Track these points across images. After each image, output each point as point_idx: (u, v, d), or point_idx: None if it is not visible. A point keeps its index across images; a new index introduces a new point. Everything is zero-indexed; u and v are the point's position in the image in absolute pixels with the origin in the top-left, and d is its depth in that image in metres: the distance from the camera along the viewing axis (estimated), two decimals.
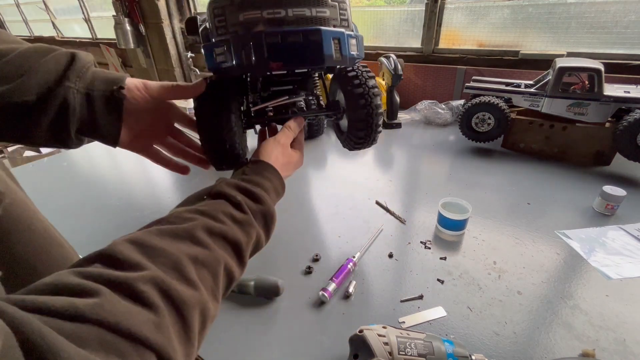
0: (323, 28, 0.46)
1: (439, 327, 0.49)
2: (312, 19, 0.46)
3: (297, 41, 0.45)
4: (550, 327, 0.48)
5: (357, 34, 0.51)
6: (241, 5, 0.44)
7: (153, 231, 0.27)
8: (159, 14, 2.00)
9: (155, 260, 0.24)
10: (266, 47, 0.44)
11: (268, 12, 0.44)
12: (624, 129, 0.83)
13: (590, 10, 1.11)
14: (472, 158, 1.01)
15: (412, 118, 1.34)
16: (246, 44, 0.44)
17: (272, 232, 0.38)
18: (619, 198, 0.70)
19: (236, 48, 0.45)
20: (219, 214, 0.32)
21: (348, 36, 0.49)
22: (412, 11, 1.40)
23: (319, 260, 0.62)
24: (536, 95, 0.96)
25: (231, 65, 0.45)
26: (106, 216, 0.79)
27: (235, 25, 0.45)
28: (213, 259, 0.28)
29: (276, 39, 0.44)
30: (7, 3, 3.25)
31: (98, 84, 0.37)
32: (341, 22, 0.49)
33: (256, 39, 0.44)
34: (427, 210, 0.76)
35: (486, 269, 0.59)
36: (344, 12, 0.49)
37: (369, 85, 0.56)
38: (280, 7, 0.45)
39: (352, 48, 0.50)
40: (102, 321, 0.18)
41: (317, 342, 0.47)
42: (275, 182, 0.42)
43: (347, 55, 0.49)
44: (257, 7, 0.44)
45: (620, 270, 0.58)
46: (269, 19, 0.44)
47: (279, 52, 0.45)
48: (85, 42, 2.78)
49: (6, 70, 0.32)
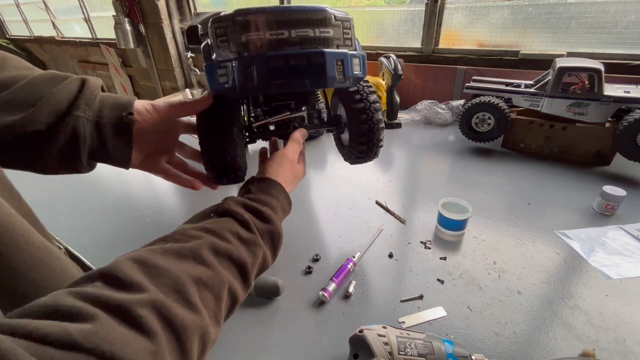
0: (326, 50, 0.46)
1: (439, 327, 0.49)
2: (315, 40, 0.46)
3: (300, 64, 0.45)
4: (550, 327, 0.48)
5: (361, 52, 0.51)
6: (244, 26, 0.43)
7: (157, 250, 0.26)
8: (159, 14, 1.99)
9: (156, 280, 0.24)
10: (269, 70, 0.44)
11: (271, 34, 0.44)
12: (624, 129, 0.83)
13: (590, 10, 1.11)
14: (472, 158, 1.01)
15: (412, 118, 1.34)
16: (249, 67, 0.44)
17: (279, 252, 0.38)
18: (619, 198, 0.70)
19: (239, 71, 0.44)
20: (226, 232, 0.31)
21: (351, 56, 0.49)
22: (412, 11, 1.40)
23: (319, 260, 0.62)
24: (536, 95, 0.96)
25: (234, 86, 0.45)
26: (106, 216, 0.79)
27: (238, 46, 0.44)
28: (217, 280, 0.28)
29: (279, 62, 0.44)
30: (7, 3, 3.25)
31: (107, 111, 0.37)
32: (344, 42, 0.49)
33: (259, 62, 0.44)
34: (427, 210, 0.76)
35: (486, 269, 0.59)
36: (347, 30, 0.49)
37: (370, 101, 0.57)
38: (284, 28, 0.44)
39: (355, 68, 0.50)
40: (95, 350, 0.18)
41: (317, 342, 0.47)
42: (282, 200, 0.41)
43: (350, 75, 0.49)
44: (260, 29, 0.43)
45: (620, 270, 0.58)
46: (272, 40, 0.44)
47: (282, 75, 0.44)
48: (85, 42, 2.78)
49: (17, 98, 0.32)
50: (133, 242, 0.69)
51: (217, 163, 0.49)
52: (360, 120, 0.56)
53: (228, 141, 0.48)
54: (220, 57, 0.45)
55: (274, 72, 0.44)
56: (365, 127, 0.57)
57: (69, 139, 0.34)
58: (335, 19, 0.46)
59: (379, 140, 0.59)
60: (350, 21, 0.49)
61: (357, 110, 0.56)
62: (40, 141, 0.33)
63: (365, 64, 0.52)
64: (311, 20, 0.45)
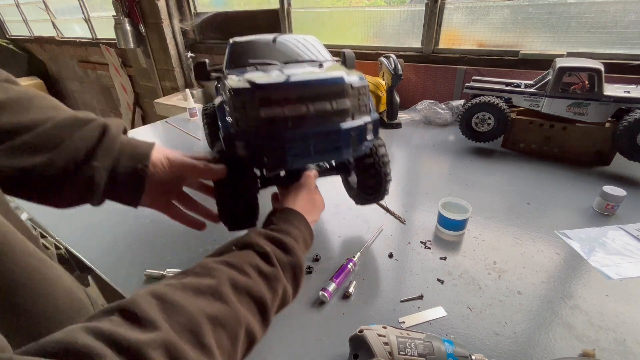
0: (343, 127, 0.47)
1: (439, 327, 0.49)
2: (333, 113, 0.47)
3: (317, 143, 0.46)
4: (550, 327, 0.48)
5: (374, 115, 0.52)
6: (262, 102, 0.44)
7: (177, 285, 0.26)
8: (159, 14, 1.99)
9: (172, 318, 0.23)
10: (288, 150, 0.45)
11: (290, 109, 0.44)
12: (624, 129, 0.83)
13: (590, 10, 1.11)
14: (472, 158, 1.01)
15: (412, 118, 1.34)
16: (268, 145, 0.45)
17: (300, 286, 0.37)
18: (619, 198, 0.70)
19: (257, 147, 0.45)
20: (245, 265, 0.31)
21: (366, 125, 0.50)
22: (412, 11, 1.40)
23: (319, 260, 0.62)
24: (536, 95, 0.96)
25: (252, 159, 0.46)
26: (106, 216, 0.79)
27: (256, 120, 0.44)
28: (234, 320, 0.27)
29: (297, 143, 0.45)
30: (7, 3, 3.25)
31: (124, 160, 0.38)
32: (360, 109, 0.50)
33: (278, 140, 0.45)
34: (427, 210, 0.76)
35: (486, 269, 0.59)
36: (364, 97, 0.50)
37: (379, 154, 0.59)
38: (302, 103, 0.45)
39: (369, 135, 0.51)
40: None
41: (317, 342, 0.47)
42: (303, 230, 0.41)
43: (363, 143, 0.50)
44: (278, 104, 0.44)
45: (620, 270, 0.58)
46: (290, 115, 0.44)
47: (300, 154, 0.46)
48: (85, 42, 2.78)
49: (40, 140, 0.33)
50: (133, 242, 0.69)
51: (232, 219, 0.51)
52: (369, 174, 0.59)
53: (243, 201, 0.51)
54: (238, 127, 0.45)
55: (292, 151, 0.45)
56: (373, 181, 0.59)
57: (84, 185, 0.36)
58: (352, 88, 0.47)
59: (386, 189, 0.61)
60: (366, 87, 0.50)
61: (366, 165, 0.58)
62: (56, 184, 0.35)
63: (377, 126, 0.53)
64: (329, 94, 0.46)
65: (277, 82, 0.44)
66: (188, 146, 1.17)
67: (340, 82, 0.46)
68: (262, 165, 0.49)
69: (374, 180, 0.59)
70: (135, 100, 2.72)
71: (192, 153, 0.47)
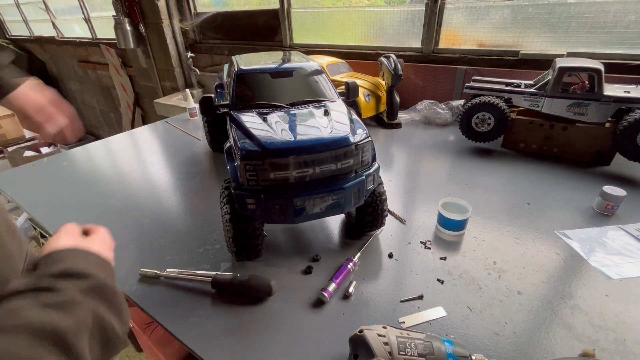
0: (347, 185, 0.53)
1: (439, 327, 0.49)
2: (337, 171, 0.52)
3: (323, 200, 0.52)
4: (550, 327, 0.48)
5: (375, 165, 0.58)
6: (273, 166, 0.49)
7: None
8: (159, 14, 1.99)
9: None
10: (294, 210, 0.51)
11: (297, 172, 0.50)
12: (624, 129, 0.83)
13: (590, 10, 1.11)
14: (472, 158, 1.01)
15: (412, 118, 1.34)
16: (276, 205, 0.51)
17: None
18: (619, 198, 0.70)
19: (266, 206, 0.51)
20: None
21: (367, 177, 0.56)
22: (412, 11, 1.40)
23: (319, 260, 0.62)
24: (536, 95, 0.96)
25: (260, 215, 0.52)
26: (106, 216, 0.79)
27: (266, 181, 0.51)
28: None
29: (304, 204, 0.51)
30: (7, 3, 3.25)
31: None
32: (362, 164, 0.55)
33: (286, 203, 0.51)
34: (427, 210, 0.76)
35: (486, 269, 0.59)
36: (367, 152, 0.55)
37: (377, 193, 0.62)
38: (309, 167, 0.50)
39: (369, 185, 0.57)
40: None
41: (317, 342, 0.47)
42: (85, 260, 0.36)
43: (365, 194, 0.56)
44: (287, 168, 0.50)
45: (620, 270, 0.58)
46: (298, 177, 0.51)
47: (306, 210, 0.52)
48: (85, 42, 2.78)
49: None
50: (133, 242, 0.69)
51: (239, 253, 0.58)
52: (367, 212, 0.63)
53: (254, 234, 0.57)
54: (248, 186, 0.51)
55: (299, 211, 0.51)
56: (371, 217, 0.64)
57: None
58: (355, 148, 0.53)
59: (382, 222, 0.66)
60: (370, 142, 0.55)
61: (366, 204, 0.61)
62: None
63: (378, 174, 0.59)
64: (334, 156, 0.51)
65: (286, 147, 0.49)
66: (188, 146, 1.17)
67: (345, 144, 0.51)
68: (269, 222, 0.55)
69: (371, 217, 0.63)
70: (135, 100, 2.71)
71: None
